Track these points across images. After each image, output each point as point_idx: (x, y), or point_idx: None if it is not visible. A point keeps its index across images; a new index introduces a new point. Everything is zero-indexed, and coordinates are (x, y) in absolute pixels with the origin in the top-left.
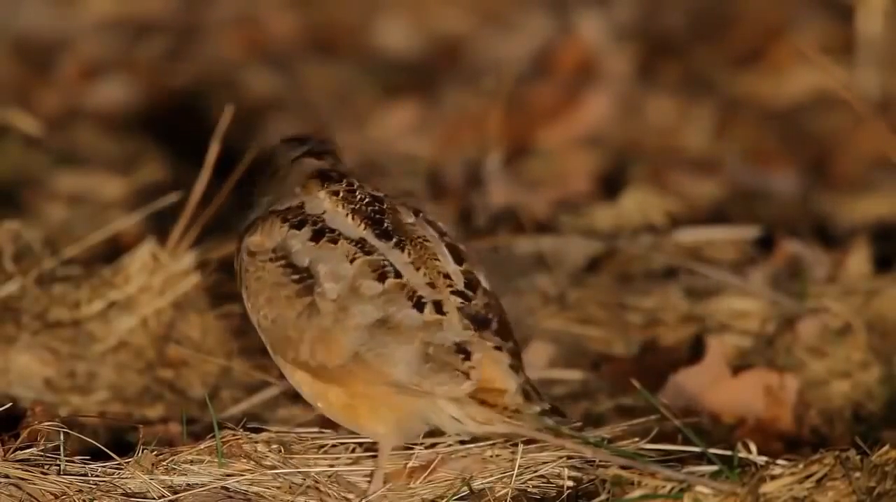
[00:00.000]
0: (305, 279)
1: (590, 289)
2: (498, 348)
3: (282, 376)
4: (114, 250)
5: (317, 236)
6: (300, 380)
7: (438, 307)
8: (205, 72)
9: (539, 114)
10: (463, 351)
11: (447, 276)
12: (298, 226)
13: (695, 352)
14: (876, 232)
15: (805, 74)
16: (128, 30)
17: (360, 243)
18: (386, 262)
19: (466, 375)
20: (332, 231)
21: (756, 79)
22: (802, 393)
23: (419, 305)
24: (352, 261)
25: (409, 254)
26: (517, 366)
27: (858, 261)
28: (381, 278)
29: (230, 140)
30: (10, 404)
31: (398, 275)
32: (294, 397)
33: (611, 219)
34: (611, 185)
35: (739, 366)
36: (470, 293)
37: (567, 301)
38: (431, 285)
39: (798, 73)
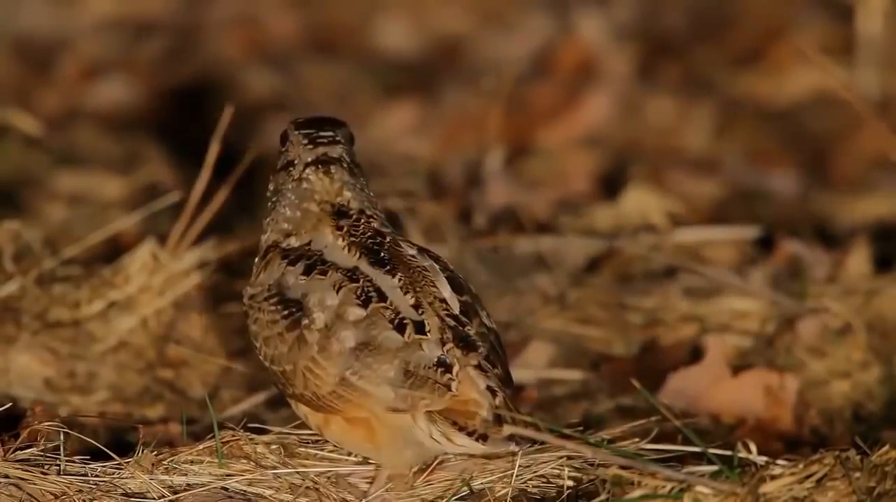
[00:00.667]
0: (294, 313)
1: (590, 289)
2: (478, 367)
3: None
4: (114, 250)
5: (308, 270)
6: (305, 414)
7: (420, 328)
8: (205, 72)
9: (539, 114)
10: (443, 364)
11: (443, 301)
12: (293, 262)
13: (695, 352)
14: (876, 232)
15: (805, 74)
16: (128, 30)
17: (351, 272)
18: (370, 288)
19: (447, 387)
20: (325, 263)
21: (756, 79)
22: (802, 393)
23: (400, 327)
24: (338, 290)
25: (400, 279)
26: (495, 389)
27: (858, 261)
28: (365, 303)
29: (230, 140)
30: (10, 404)
31: (382, 298)
32: None
33: (611, 219)
34: (611, 185)
35: (739, 366)
36: (464, 319)
37: (567, 301)
38: (416, 307)
39: (798, 73)
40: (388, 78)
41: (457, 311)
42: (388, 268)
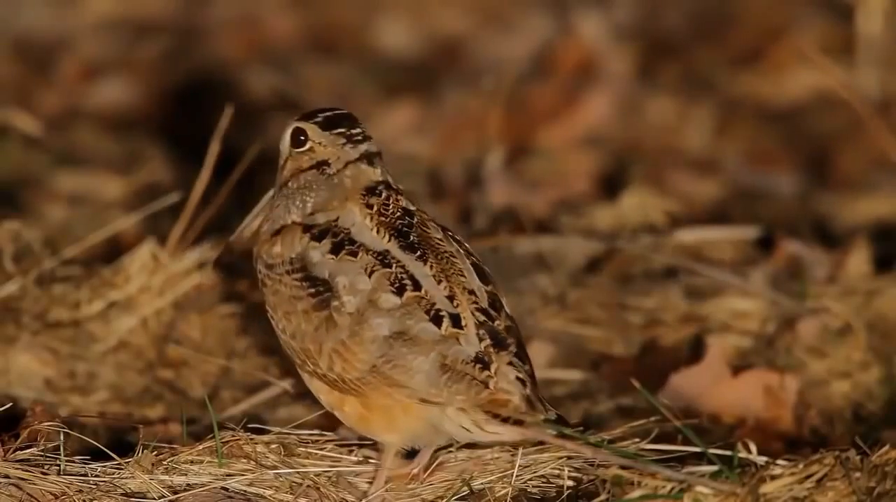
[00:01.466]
0: (322, 292)
1: (590, 289)
2: (510, 364)
3: (282, 376)
4: (114, 250)
5: (336, 249)
6: (318, 389)
7: (456, 321)
8: (205, 72)
9: (539, 114)
10: (481, 361)
11: (472, 293)
12: (318, 237)
13: (695, 352)
14: (876, 232)
15: (805, 74)
16: (128, 30)
17: (382, 255)
18: (405, 275)
19: (485, 385)
20: (353, 243)
21: (756, 79)
22: (802, 393)
23: (437, 319)
24: (370, 275)
25: (432, 266)
26: (524, 380)
27: (858, 261)
28: (399, 291)
29: (230, 140)
30: (10, 404)
31: (417, 287)
32: (294, 397)
33: (611, 219)
34: (611, 185)
35: (739, 366)
36: (493, 313)
37: (567, 301)
38: (451, 298)
39: (798, 73)
40: (388, 78)
41: (485, 304)
42: (419, 253)
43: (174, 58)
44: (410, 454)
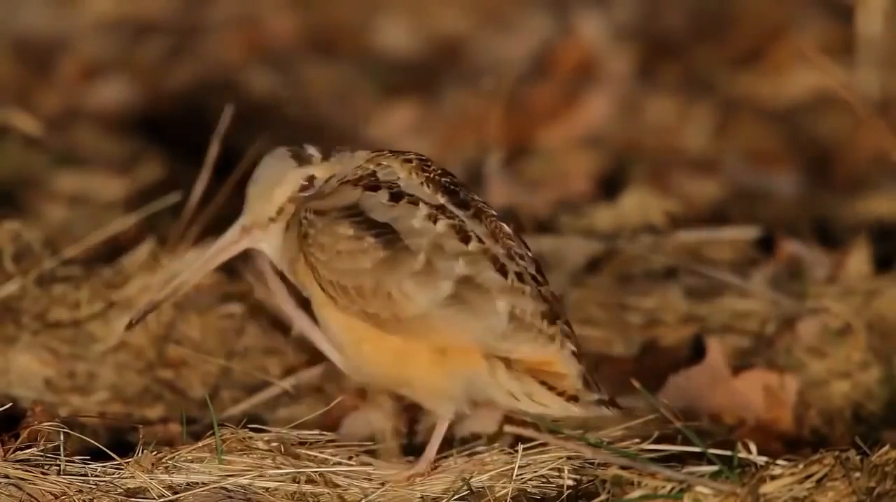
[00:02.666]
0: (386, 233)
1: (590, 289)
2: (567, 337)
3: (282, 376)
4: (114, 250)
5: (396, 198)
6: (336, 325)
7: (520, 277)
8: (205, 72)
9: (539, 114)
10: (548, 316)
11: (522, 258)
12: (374, 188)
13: (695, 352)
14: (876, 232)
15: (805, 74)
16: (128, 30)
17: (441, 209)
18: (466, 227)
19: (551, 340)
20: (410, 195)
21: (756, 79)
22: (802, 393)
23: (503, 271)
24: (435, 222)
25: (487, 225)
26: (579, 356)
27: (858, 261)
28: (465, 240)
29: (230, 140)
30: (10, 404)
31: (480, 240)
32: (294, 397)
33: (611, 220)
34: (611, 185)
35: (739, 366)
36: (542, 280)
37: (567, 301)
38: (510, 258)
39: (798, 73)
40: (388, 78)
41: (534, 271)
42: (472, 212)
43: (174, 58)
44: (409, 452)
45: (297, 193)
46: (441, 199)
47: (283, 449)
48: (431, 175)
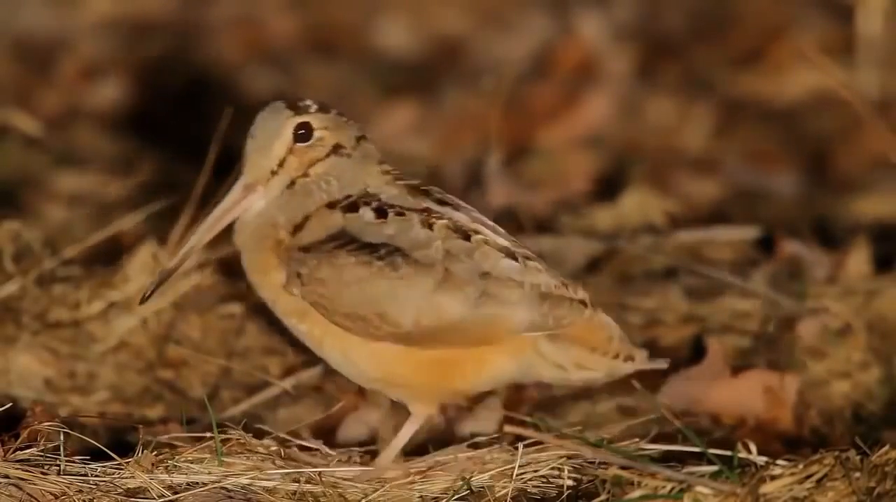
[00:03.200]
0: (391, 252)
1: (590, 289)
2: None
3: (282, 376)
4: (114, 250)
5: (381, 213)
6: (372, 353)
7: (527, 257)
8: (205, 72)
9: (539, 114)
10: (569, 285)
11: (512, 239)
12: (353, 209)
13: (695, 352)
14: (876, 232)
15: (805, 74)
16: (128, 30)
17: (426, 212)
18: (458, 224)
19: (584, 304)
20: (393, 206)
21: (756, 79)
22: (802, 393)
23: (512, 256)
24: (430, 227)
25: (470, 216)
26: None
27: (858, 261)
28: (466, 237)
29: (230, 140)
30: (10, 404)
31: (476, 232)
32: (294, 397)
33: (611, 219)
34: (611, 185)
35: (739, 366)
36: (539, 258)
37: None
38: (508, 241)
39: (798, 73)
40: (388, 78)
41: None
42: (451, 206)
43: (174, 58)
44: (409, 452)
45: (294, 143)
46: (424, 203)
47: (283, 450)
48: (405, 181)
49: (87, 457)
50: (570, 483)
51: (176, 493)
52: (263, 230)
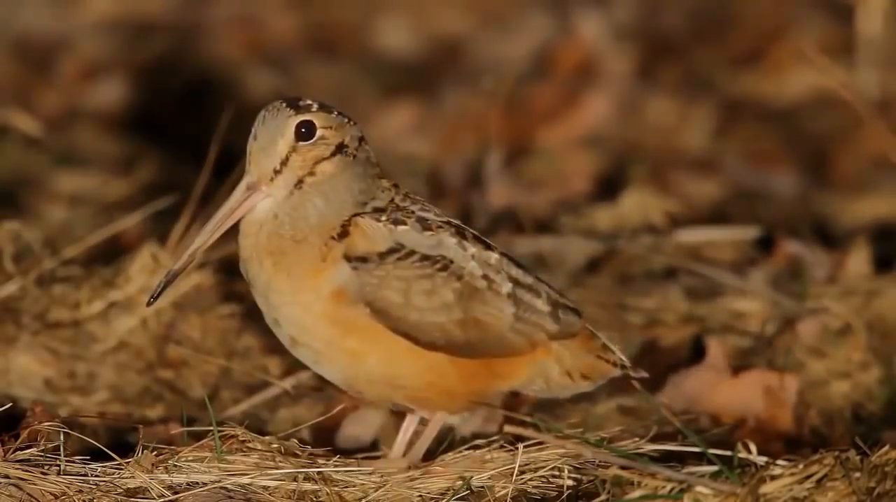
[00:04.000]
0: (448, 264)
1: (590, 289)
2: None
3: (282, 376)
4: (114, 250)
5: (425, 225)
6: (430, 367)
7: (526, 268)
8: (205, 72)
9: (539, 114)
10: (561, 293)
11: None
12: (401, 223)
13: (695, 352)
14: (876, 232)
15: (805, 75)
16: (128, 30)
17: (448, 222)
18: (476, 236)
19: (578, 313)
20: (428, 218)
21: (756, 79)
22: (802, 394)
23: (521, 266)
24: (466, 239)
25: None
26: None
27: (858, 261)
28: (488, 247)
29: (230, 140)
30: (10, 404)
31: (490, 246)
32: (294, 397)
33: (611, 219)
34: (611, 185)
35: (739, 366)
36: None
37: None
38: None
39: (798, 73)
40: (388, 78)
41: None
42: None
43: (174, 58)
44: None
45: (297, 142)
46: (444, 215)
47: (283, 450)
48: (410, 190)
49: (87, 457)
50: (570, 483)
51: (176, 493)
52: (290, 234)
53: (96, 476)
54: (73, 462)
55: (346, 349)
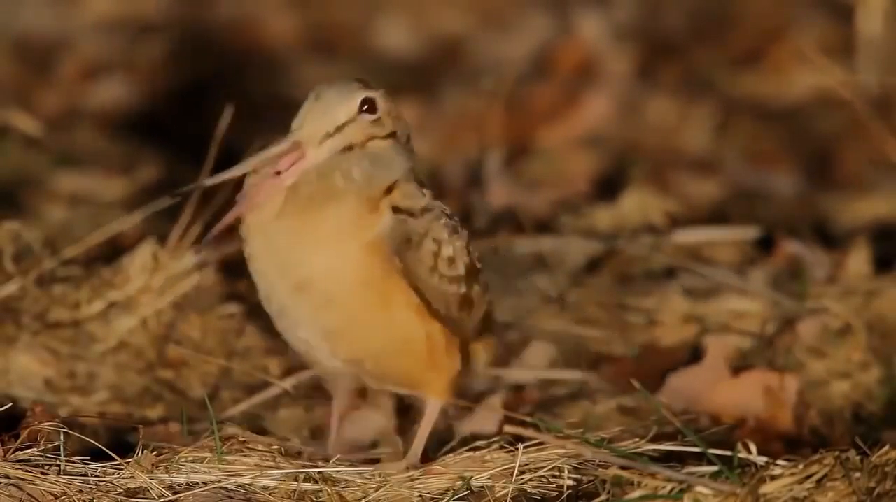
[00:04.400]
0: (466, 243)
1: (590, 289)
2: None
3: (282, 376)
4: (114, 250)
5: (448, 214)
6: (429, 334)
7: None
8: (205, 72)
9: (539, 114)
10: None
11: None
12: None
13: (695, 352)
14: (876, 232)
15: (805, 75)
16: (128, 30)
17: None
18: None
19: None
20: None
21: (756, 79)
22: (802, 394)
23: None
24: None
25: None
26: None
27: (858, 261)
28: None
29: (230, 140)
30: (10, 404)
31: None
32: (294, 397)
33: (611, 220)
34: (611, 185)
35: (739, 366)
36: None
37: (567, 301)
38: None
39: (798, 73)
40: (389, 78)
41: None
42: None
43: (174, 58)
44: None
45: (359, 114)
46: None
47: (282, 450)
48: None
49: (87, 457)
50: (570, 483)
51: (176, 493)
52: (328, 185)
53: (96, 476)
54: (73, 462)
55: (363, 298)
